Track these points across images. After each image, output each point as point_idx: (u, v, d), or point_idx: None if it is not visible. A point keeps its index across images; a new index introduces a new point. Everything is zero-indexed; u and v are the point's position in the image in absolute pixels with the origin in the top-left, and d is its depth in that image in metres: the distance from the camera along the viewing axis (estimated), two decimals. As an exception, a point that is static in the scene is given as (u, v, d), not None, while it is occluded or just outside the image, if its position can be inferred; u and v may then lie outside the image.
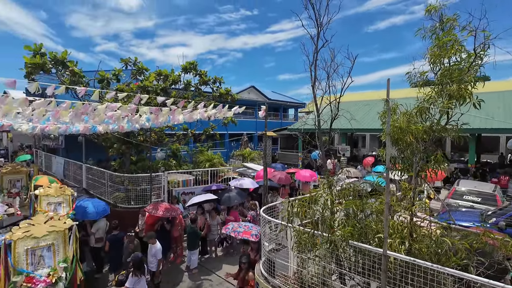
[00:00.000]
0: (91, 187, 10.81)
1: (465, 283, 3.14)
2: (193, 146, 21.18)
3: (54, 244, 4.75)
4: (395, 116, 4.51)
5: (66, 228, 4.97)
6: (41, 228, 4.74)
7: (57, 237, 4.80)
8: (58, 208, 7.16)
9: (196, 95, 10.26)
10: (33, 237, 4.55)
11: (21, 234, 4.55)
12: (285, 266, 5.02)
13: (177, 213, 7.62)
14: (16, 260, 4.37)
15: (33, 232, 4.60)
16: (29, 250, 4.48)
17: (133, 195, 9.34)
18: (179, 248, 8.32)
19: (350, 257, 4.12)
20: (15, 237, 4.49)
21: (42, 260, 4.60)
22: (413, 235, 3.75)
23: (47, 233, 4.69)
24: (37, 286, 4.19)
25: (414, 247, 3.64)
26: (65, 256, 4.79)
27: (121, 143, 9.50)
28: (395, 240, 3.60)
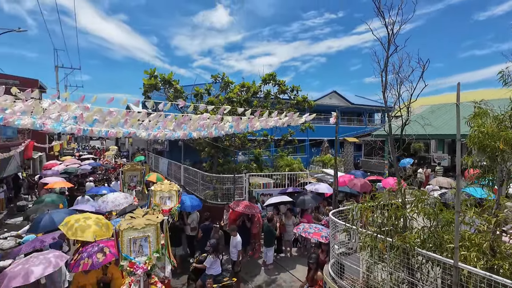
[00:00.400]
0: (187, 184, 12.72)
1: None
2: (274, 152, 22.19)
3: (149, 236, 5.25)
4: (479, 120, 4.19)
5: (159, 222, 5.46)
6: (140, 221, 5.28)
7: (152, 229, 5.31)
8: (168, 201, 8.02)
9: (276, 103, 11.02)
10: (134, 229, 5.12)
11: (125, 225, 5.16)
12: (355, 270, 5.11)
13: (256, 211, 8.40)
14: (123, 247, 5.02)
15: (134, 224, 5.16)
16: (131, 240, 5.08)
17: (220, 193, 10.65)
18: (257, 244, 9.09)
19: (423, 267, 4.00)
20: (122, 228, 5.11)
21: (141, 249, 5.15)
22: (496, 250, 3.44)
23: (144, 225, 5.22)
24: (137, 270, 4.87)
25: (496, 263, 3.35)
26: (157, 247, 5.34)
27: (210, 147, 11.03)
28: (471, 253, 3.40)
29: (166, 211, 7.57)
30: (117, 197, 9.14)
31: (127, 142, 38.03)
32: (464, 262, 3.39)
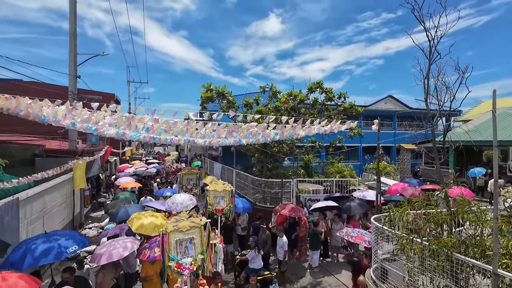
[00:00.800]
0: (238, 188, 13.57)
1: None
2: (325, 158, 22.03)
3: (194, 238, 5.41)
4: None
5: (202, 225, 5.57)
6: (185, 223, 5.46)
7: (196, 231, 5.44)
8: (221, 201, 8.29)
9: (323, 110, 11.24)
10: (180, 231, 5.27)
11: (171, 227, 5.32)
12: (398, 275, 5.14)
13: (301, 213, 8.73)
14: (170, 248, 5.17)
15: (180, 227, 5.34)
16: (178, 241, 5.23)
17: (268, 196, 11.20)
18: (303, 247, 9.38)
19: (465, 274, 3.95)
20: (168, 230, 5.27)
21: (186, 250, 5.29)
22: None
23: (189, 227, 5.37)
24: (184, 271, 5.02)
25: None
26: (202, 249, 5.47)
27: (260, 153, 11.69)
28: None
29: (219, 210, 8.03)
30: (184, 198, 9.69)
31: (186, 148, 41.19)
32: (507, 270, 3.35)
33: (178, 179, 15.58)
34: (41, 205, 8.56)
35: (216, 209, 8.02)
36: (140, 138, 6.06)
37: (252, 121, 6.34)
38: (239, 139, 6.72)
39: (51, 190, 9.55)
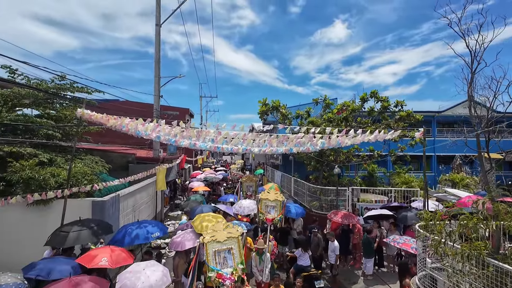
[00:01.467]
0: (296, 195, 14.19)
1: None
2: (391, 168, 20.94)
3: (232, 248, 5.41)
4: None
5: (239, 235, 5.61)
6: (221, 234, 5.46)
7: (233, 242, 5.47)
8: (272, 211, 8.29)
9: (381, 119, 11.19)
10: (218, 241, 5.29)
11: (209, 238, 5.38)
12: (447, 284, 5.15)
13: (353, 220, 8.95)
14: (209, 259, 5.19)
15: (217, 237, 5.37)
16: (216, 252, 5.23)
17: (324, 203, 11.55)
18: (357, 255, 9.48)
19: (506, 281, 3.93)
20: (206, 241, 5.31)
21: (225, 261, 5.27)
22: None
23: (226, 238, 5.36)
24: (225, 281, 5.02)
25: None
26: (241, 259, 5.42)
27: (316, 162, 12.16)
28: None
29: (269, 220, 8.06)
30: (250, 203, 10.60)
31: (250, 157, 43.31)
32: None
33: (239, 186, 16.99)
34: (133, 202, 10.68)
35: (267, 218, 8.08)
36: (207, 148, 7.35)
37: (301, 132, 7.03)
38: (290, 148, 7.49)
39: (140, 190, 11.74)
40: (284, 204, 8.66)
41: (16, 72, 9.61)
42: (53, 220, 7.52)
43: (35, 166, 7.99)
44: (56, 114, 10.81)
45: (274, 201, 8.36)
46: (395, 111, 10.74)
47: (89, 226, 6.37)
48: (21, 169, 7.72)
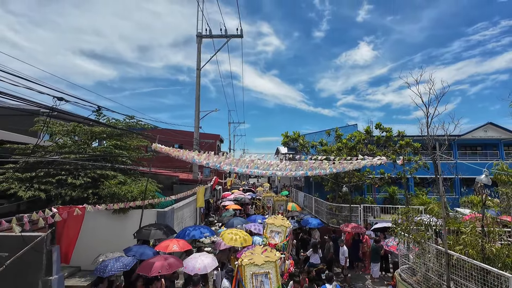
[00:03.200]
0: (316, 212, 16.09)
1: None
2: (412, 190, 22.11)
3: (269, 272, 5.37)
4: None
5: (277, 259, 5.61)
6: (259, 257, 5.46)
7: (271, 266, 5.44)
8: (276, 236, 8.29)
9: (387, 146, 13.15)
10: (255, 265, 5.30)
11: (247, 261, 5.39)
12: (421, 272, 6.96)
13: (361, 230, 10.80)
14: (246, 281, 5.21)
15: (255, 260, 5.38)
16: (253, 275, 5.23)
17: (339, 219, 13.41)
18: (366, 262, 11.19)
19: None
20: (244, 263, 5.33)
21: (262, 285, 5.25)
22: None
23: (264, 262, 5.35)
24: None
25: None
26: (277, 284, 5.37)
27: (332, 183, 14.15)
28: None
29: (272, 245, 7.97)
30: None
31: (276, 179, 45.34)
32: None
33: (271, 203, 19.09)
34: (181, 214, 13.28)
35: (269, 243, 8.12)
36: (243, 172, 9.82)
37: (312, 159, 9.27)
38: (305, 171, 9.76)
39: (186, 206, 14.35)
40: (290, 230, 8.65)
41: (101, 113, 12.95)
42: (130, 224, 10.28)
43: (117, 184, 10.89)
44: (125, 144, 13.94)
45: (279, 227, 8.34)
46: (396, 140, 12.68)
47: (160, 227, 8.96)
48: (108, 187, 10.63)
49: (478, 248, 5.17)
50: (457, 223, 5.96)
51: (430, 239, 6.01)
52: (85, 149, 11.69)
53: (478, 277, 4.82)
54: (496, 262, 4.91)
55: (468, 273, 5.03)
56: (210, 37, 19.34)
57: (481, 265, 4.71)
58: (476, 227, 5.53)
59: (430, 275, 5.92)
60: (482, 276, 4.78)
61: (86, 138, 12.64)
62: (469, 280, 5.01)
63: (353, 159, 8.30)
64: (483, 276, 4.77)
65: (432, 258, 6.02)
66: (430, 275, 5.94)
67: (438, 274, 5.73)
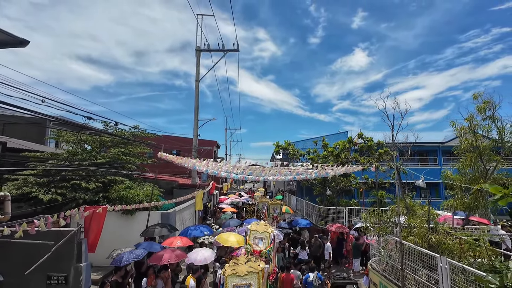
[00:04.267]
0: (307, 215, 17.36)
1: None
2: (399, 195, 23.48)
3: (251, 285, 5.21)
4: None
5: (261, 270, 5.40)
6: (243, 268, 5.29)
7: (253, 278, 5.29)
8: (260, 242, 8.17)
9: (369, 154, 14.55)
10: (238, 275, 5.14)
11: (230, 271, 5.26)
12: (389, 263, 8.25)
13: (344, 230, 12.08)
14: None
15: (237, 271, 5.22)
16: (235, 286, 5.09)
17: (327, 220, 14.70)
18: (350, 259, 12.45)
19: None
20: (227, 274, 5.22)
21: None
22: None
23: (246, 272, 5.18)
24: None
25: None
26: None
27: (320, 187, 15.46)
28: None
29: (257, 252, 7.99)
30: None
31: (271, 184, 46.57)
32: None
33: (266, 207, 20.36)
34: (182, 216, 14.46)
35: (254, 250, 8.05)
36: (239, 177, 11.08)
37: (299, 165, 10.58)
38: (294, 176, 11.06)
39: (186, 209, 15.54)
40: (274, 237, 8.69)
41: (108, 124, 14.18)
42: (136, 224, 11.46)
43: (125, 188, 12.08)
44: (130, 151, 15.15)
45: (263, 233, 8.28)
46: (376, 148, 14.09)
47: (164, 226, 10.16)
48: (117, 191, 11.82)
49: (425, 238, 6.48)
50: (412, 219, 7.27)
51: (391, 232, 7.31)
52: (95, 157, 12.88)
53: (424, 261, 6.12)
54: (437, 249, 6.22)
55: (417, 258, 6.34)
56: (208, 51, 20.70)
57: (421, 250, 6.03)
58: (424, 223, 6.84)
59: (390, 261, 7.21)
60: (428, 260, 6.08)
61: (95, 146, 13.84)
62: (418, 263, 6.31)
63: (333, 166, 9.61)
64: (428, 260, 6.07)
65: (394, 248, 7.32)
66: (389, 261, 7.23)
67: (397, 261, 7.02)
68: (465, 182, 7.62)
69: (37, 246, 6.04)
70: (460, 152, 7.98)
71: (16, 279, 6.35)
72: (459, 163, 8.14)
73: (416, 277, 6.39)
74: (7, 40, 5.79)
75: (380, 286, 7.60)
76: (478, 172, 7.61)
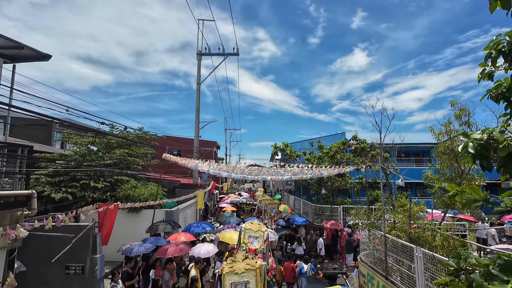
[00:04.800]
0: (304, 213, 18.05)
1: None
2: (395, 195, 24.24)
3: (249, 282, 5.19)
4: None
5: (258, 268, 5.35)
6: (240, 265, 5.24)
7: (251, 275, 5.25)
8: (255, 241, 8.46)
9: (362, 155, 15.26)
10: (235, 273, 5.10)
11: (227, 269, 5.20)
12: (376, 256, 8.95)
13: (338, 227, 12.79)
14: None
15: (235, 268, 5.17)
16: (232, 284, 5.06)
17: (322, 218, 15.41)
18: (344, 254, 13.16)
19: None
20: (224, 271, 5.15)
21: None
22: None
23: (244, 270, 5.15)
24: None
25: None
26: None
27: (316, 187, 16.16)
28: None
29: (252, 250, 8.26)
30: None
31: (271, 184, 47.29)
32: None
33: (264, 207, 21.02)
34: (184, 214, 15.15)
35: (249, 248, 8.29)
36: (239, 177, 11.78)
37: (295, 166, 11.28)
38: (290, 176, 11.77)
39: (187, 208, 16.22)
40: (268, 235, 8.90)
41: (114, 127, 14.87)
42: (141, 222, 12.16)
43: (131, 188, 12.78)
44: (134, 152, 15.84)
45: (257, 232, 8.55)
46: (369, 150, 14.80)
47: (168, 222, 10.86)
48: (124, 190, 12.51)
49: (406, 232, 7.18)
50: (395, 216, 7.97)
51: (376, 227, 8.02)
52: (103, 158, 13.58)
53: (405, 252, 6.83)
54: (417, 241, 6.93)
55: (399, 250, 7.04)
56: (209, 55, 21.39)
57: (401, 241, 6.73)
58: (406, 218, 7.54)
59: (376, 253, 7.92)
60: (408, 251, 6.78)
61: (102, 147, 14.54)
62: (400, 255, 7.01)
63: (327, 167, 10.32)
64: (408, 251, 6.77)
65: (380, 242, 8.02)
66: (376, 254, 7.94)
67: (382, 253, 7.72)
68: (444, 182, 8.32)
69: (57, 238, 6.75)
70: (438, 154, 8.67)
71: (38, 269, 7.05)
72: (437, 164, 8.85)
73: (398, 267, 7.10)
74: (32, 55, 6.47)
75: (367, 277, 8.31)
76: (455, 172, 8.31)
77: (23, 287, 6.70)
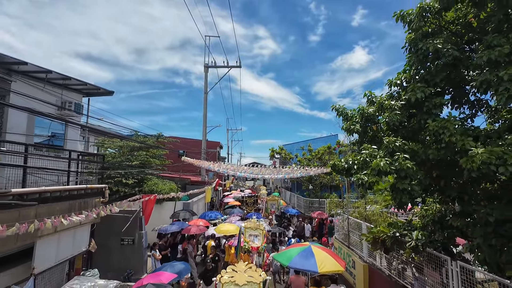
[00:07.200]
0: (298, 206, 20.98)
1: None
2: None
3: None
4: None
5: (261, 282, 5.02)
6: (242, 276, 4.97)
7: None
8: (255, 239, 8.59)
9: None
10: (236, 284, 4.84)
11: (227, 278, 4.97)
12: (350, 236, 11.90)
13: (324, 216, 15.72)
14: None
15: (236, 279, 4.93)
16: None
17: (312, 209, 18.35)
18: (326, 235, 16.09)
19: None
20: (223, 281, 4.94)
21: None
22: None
23: (246, 282, 4.87)
24: None
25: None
26: None
27: (306, 184, 19.08)
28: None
29: (254, 248, 8.67)
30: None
31: (270, 182, 50.30)
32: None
33: (264, 204, 23.90)
34: (197, 206, 18.11)
35: (252, 247, 8.61)
36: (242, 175, 14.70)
37: (289, 167, 14.14)
38: (284, 175, 14.69)
39: (199, 201, 19.18)
40: (267, 233, 9.36)
41: (137, 132, 17.75)
42: (164, 211, 15.12)
43: (155, 184, 15.73)
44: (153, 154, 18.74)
45: (256, 230, 8.71)
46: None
47: (188, 211, 13.82)
48: (149, 186, 15.46)
49: (363, 215, 10.11)
50: (357, 205, 10.88)
51: (345, 213, 10.93)
52: (130, 159, 16.51)
53: (361, 229, 9.75)
54: (370, 222, 9.86)
55: (356, 228, 9.97)
56: (215, 67, 24.24)
57: (355, 220, 9.65)
58: (363, 206, 10.44)
59: (343, 231, 10.85)
60: (359, 227, 9.69)
61: (127, 150, 17.46)
62: (358, 231, 9.94)
63: (314, 168, 13.21)
64: (359, 227, 9.69)
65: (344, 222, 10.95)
66: (343, 232, 10.87)
67: (347, 231, 10.67)
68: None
69: (115, 218, 9.68)
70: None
71: (101, 241, 10.02)
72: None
73: (355, 238, 10.03)
74: (99, 92, 9.38)
75: (338, 249, 11.25)
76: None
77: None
